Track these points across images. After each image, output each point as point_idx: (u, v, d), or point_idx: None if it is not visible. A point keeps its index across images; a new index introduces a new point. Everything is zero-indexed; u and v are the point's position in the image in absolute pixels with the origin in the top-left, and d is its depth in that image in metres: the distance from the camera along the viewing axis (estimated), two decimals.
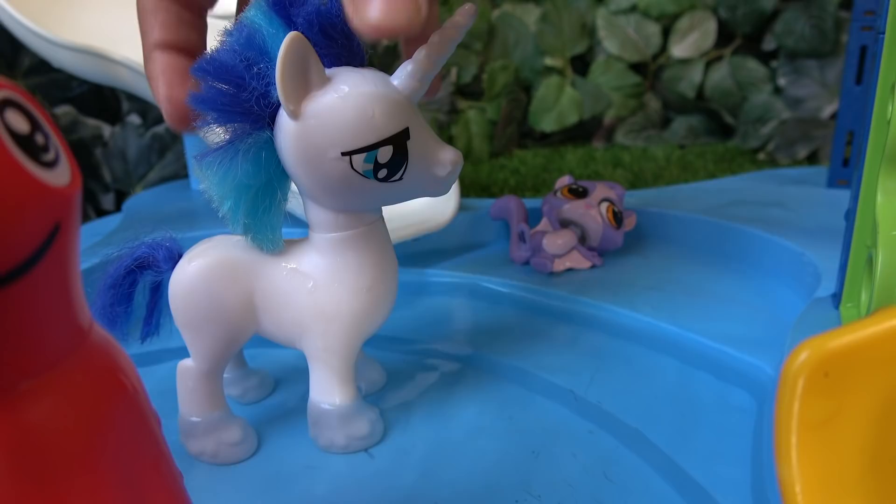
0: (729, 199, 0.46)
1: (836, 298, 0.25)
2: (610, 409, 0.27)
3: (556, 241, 0.40)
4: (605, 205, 0.41)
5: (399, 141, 0.22)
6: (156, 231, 0.26)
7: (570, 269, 0.40)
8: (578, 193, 0.42)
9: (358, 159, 0.22)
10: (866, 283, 0.23)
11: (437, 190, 0.24)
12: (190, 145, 0.57)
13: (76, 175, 0.12)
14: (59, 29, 0.48)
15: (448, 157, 0.24)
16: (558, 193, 0.42)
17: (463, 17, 0.22)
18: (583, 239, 0.41)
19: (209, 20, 0.56)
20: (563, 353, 0.32)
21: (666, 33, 0.77)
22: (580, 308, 0.35)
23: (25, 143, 0.11)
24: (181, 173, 0.67)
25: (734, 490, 0.22)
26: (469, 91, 0.78)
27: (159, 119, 0.67)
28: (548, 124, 0.81)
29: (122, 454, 0.13)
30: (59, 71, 0.55)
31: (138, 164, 0.66)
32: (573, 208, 0.41)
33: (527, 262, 0.41)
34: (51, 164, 0.11)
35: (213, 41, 0.23)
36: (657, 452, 0.24)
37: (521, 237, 0.41)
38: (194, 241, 0.26)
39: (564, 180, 0.44)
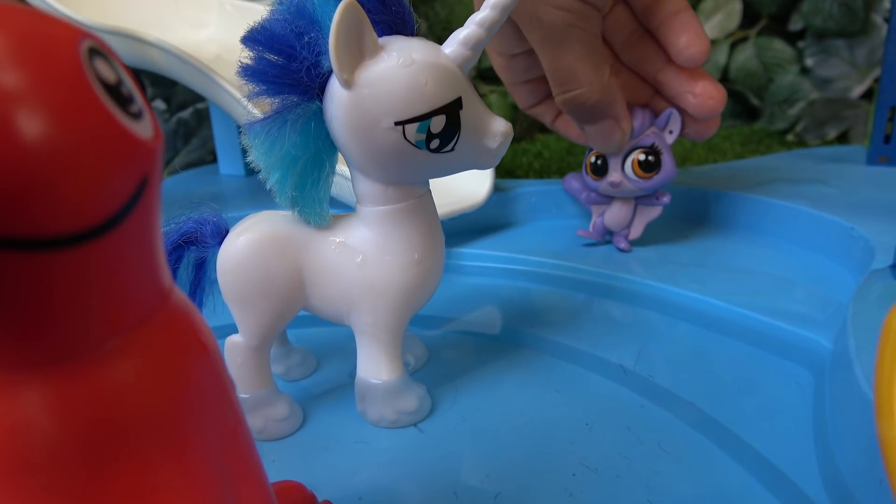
0: (766, 177, 0.45)
1: None
2: (662, 382, 0.26)
3: (618, 218, 0.40)
4: (629, 161, 0.38)
5: (452, 110, 0.22)
6: (201, 207, 0.26)
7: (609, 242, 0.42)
8: (600, 170, 0.39)
9: (411, 129, 0.22)
10: None
11: (487, 162, 0.24)
12: (218, 131, 0.57)
13: (158, 129, 0.12)
14: (87, 11, 0.48)
15: (500, 128, 0.23)
16: (587, 176, 0.40)
17: None
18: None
19: (246, 5, 0.56)
20: (607, 329, 0.31)
21: None
22: (619, 284, 0.35)
23: (114, 93, 0.11)
24: (206, 159, 0.67)
25: (799, 459, 0.21)
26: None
27: (184, 104, 0.67)
28: None
29: (204, 415, 0.13)
30: None
31: (163, 149, 0.66)
32: (603, 190, 0.39)
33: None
34: (137, 116, 0.11)
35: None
36: (714, 424, 0.24)
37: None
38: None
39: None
